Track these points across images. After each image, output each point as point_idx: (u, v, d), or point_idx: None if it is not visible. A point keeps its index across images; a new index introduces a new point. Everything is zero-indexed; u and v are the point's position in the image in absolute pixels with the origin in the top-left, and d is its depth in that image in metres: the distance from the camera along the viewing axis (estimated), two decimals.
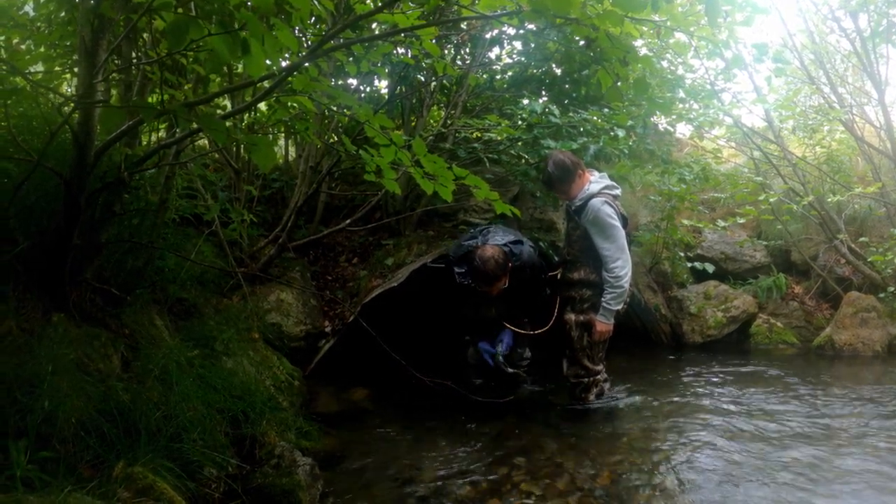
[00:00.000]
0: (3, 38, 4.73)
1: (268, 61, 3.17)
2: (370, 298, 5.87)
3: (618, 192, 5.01)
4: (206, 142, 6.79)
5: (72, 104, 3.19)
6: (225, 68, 6.25)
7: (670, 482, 3.85)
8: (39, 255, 3.46)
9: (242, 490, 3.33)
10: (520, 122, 6.57)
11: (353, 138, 5.60)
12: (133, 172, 3.55)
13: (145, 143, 5.36)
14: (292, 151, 8.24)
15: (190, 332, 4.47)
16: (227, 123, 3.51)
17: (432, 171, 3.48)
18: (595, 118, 5.91)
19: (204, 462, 3.32)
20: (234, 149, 6.55)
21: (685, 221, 7.81)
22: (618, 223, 4.81)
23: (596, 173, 5.03)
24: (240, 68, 6.21)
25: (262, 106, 6.35)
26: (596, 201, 4.78)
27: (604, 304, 4.89)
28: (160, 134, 5.48)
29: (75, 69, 5.55)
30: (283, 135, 7.82)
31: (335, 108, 4.43)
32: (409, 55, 5.90)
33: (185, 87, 4.75)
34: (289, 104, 4.06)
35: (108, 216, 3.84)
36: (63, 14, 5.49)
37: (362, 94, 7.07)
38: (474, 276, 4.82)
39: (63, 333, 3.29)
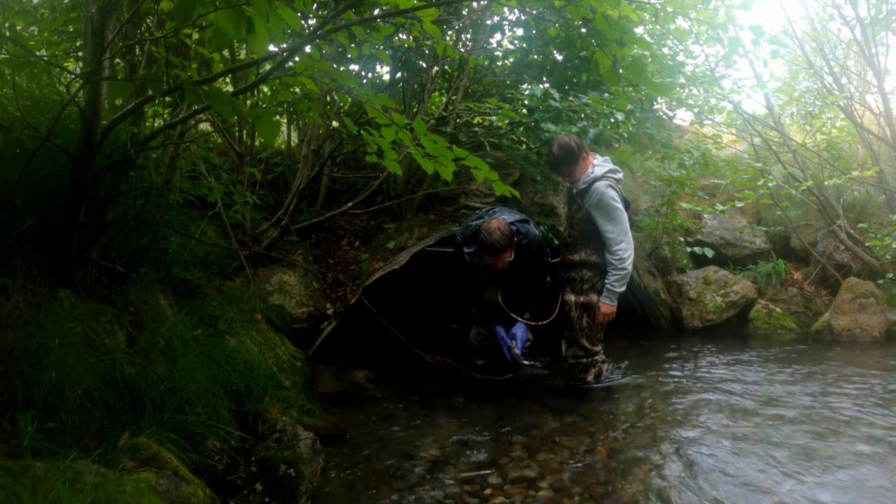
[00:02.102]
0: (7, 24, 4.78)
1: (272, 47, 3.23)
2: (372, 281, 5.93)
3: (620, 175, 5.05)
4: (210, 126, 6.85)
5: (79, 83, 3.24)
6: (227, 53, 6.30)
7: (667, 459, 3.91)
8: (46, 233, 3.51)
9: (245, 462, 3.39)
10: (521, 109, 6.61)
11: (355, 121, 5.65)
12: (139, 151, 3.60)
13: (149, 126, 5.41)
14: (294, 137, 8.27)
15: (193, 312, 4.53)
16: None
17: (433, 152, 3.52)
18: (595, 103, 5.94)
19: (207, 434, 3.38)
20: (237, 133, 6.61)
21: (685, 205, 7.85)
22: (621, 206, 4.86)
23: (598, 157, 5.07)
24: (242, 54, 6.26)
25: (265, 88, 6.41)
26: (600, 184, 4.82)
27: (608, 286, 4.95)
28: (164, 119, 5.54)
29: (79, 53, 5.61)
30: (285, 119, 7.86)
31: (337, 90, 4.47)
32: (411, 38, 5.95)
33: (191, 67, 4.80)
34: (291, 88, 4.12)
35: (114, 195, 3.89)
36: (67, 0, 5.56)
37: (364, 80, 7.10)
38: (481, 248, 4.87)
39: (69, 308, 3.35)
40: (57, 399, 2.96)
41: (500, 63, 7.75)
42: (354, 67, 6.79)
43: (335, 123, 6.97)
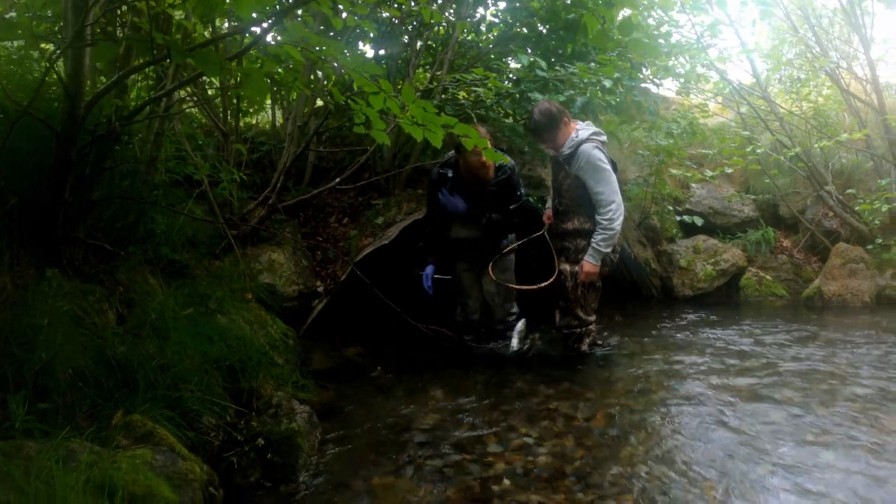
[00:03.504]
0: None
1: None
2: (362, 256, 5.88)
3: (604, 138, 4.99)
4: (196, 110, 6.78)
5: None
6: (209, 33, 6.20)
7: (666, 421, 3.92)
8: (31, 212, 3.45)
9: (242, 438, 3.35)
10: (507, 82, 6.57)
11: (342, 94, 5.57)
12: (125, 125, 3.53)
13: (133, 100, 5.33)
14: (279, 117, 8.20)
15: (183, 290, 4.47)
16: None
17: (422, 120, 3.47)
18: (582, 71, 5.89)
19: (202, 411, 3.35)
20: (222, 113, 6.53)
21: (674, 171, 7.82)
22: (609, 166, 4.81)
23: (581, 122, 5.02)
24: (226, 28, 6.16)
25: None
26: (586, 146, 4.76)
27: (593, 245, 4.83)
28: (149, 94, 5.44)
29: (59, 36, 5.51)
30: (269, 100, 7.78)
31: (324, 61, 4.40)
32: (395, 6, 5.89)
33: (176, 38, 4.71)
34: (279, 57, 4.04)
35: (100, 172, 3.82)
36: None
37: (347, 57, 7.00)
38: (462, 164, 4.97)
39: (57, 287, 3.29)
40: (47, 379, 2.92)
41: (483, 37, 7.68)
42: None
43: (320, 102, 6.90)
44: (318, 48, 3.69)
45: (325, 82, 6.70)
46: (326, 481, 3.26)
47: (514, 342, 5.22)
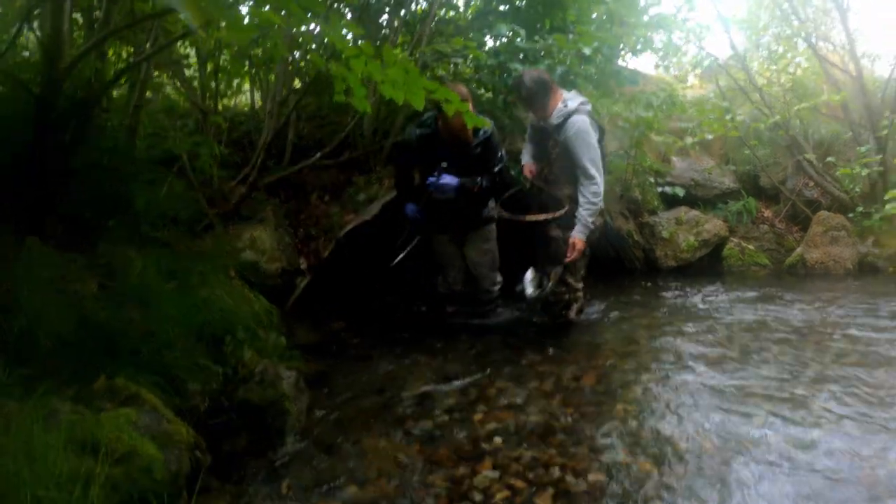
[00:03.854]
0: None
1: None
2: (344, 233, 5.84)
3: (590, 107, 4.98)
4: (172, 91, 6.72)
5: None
6: None
7: (654, 381, 3.92)
8: (11, 181, 3.38)
9: (228, 404, 3.32)
10: (486, 59, 6.54)
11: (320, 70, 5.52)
12: (105, 88, 3.46)
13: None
14: (258, 99, 8.12)
15: (164, 265, 4.40)
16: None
17: (404, 82, 3.43)
18: (560, 41, 5.87)
19: (187, 378, 3.30)
20: (199, 91, 6.46)
21: (655, 137, 7.78)
22: (595, 141, 4.80)
23: (567, 92, 4.99)
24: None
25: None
26: (577, 118, 4.72)
27: (581, 221, 4.78)
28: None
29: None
30: (247, 83, 7.72)
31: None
32: None
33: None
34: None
35: (80, 140, 3.74)
36: None
37: (325, 41, 6.94)
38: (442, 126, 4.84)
39: (38, 256, 3.23)
40: (29, 345, 2.86)
41: (462, 12, 7.64)
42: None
43: (298, 84, 6.84)
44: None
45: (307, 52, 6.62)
46: (315, 445, 3.24)
47: (530, 289, 5.12)
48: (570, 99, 4.85)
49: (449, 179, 4.84)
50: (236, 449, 3.15)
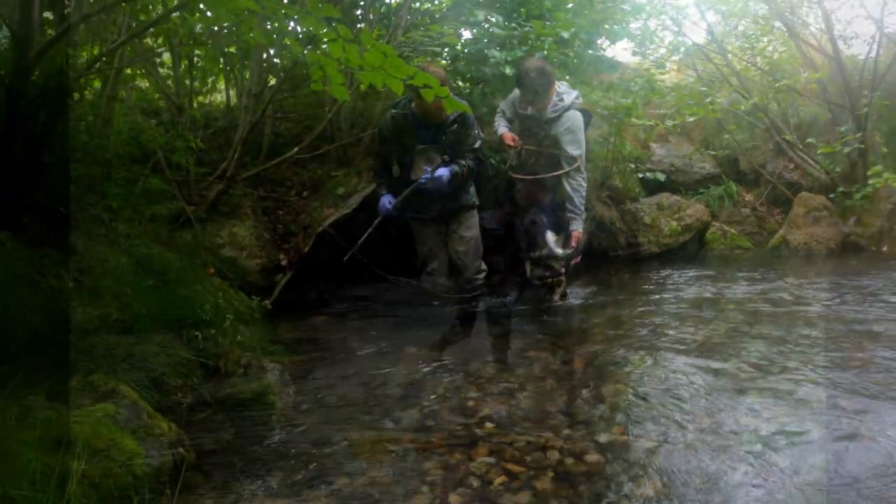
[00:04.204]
0: None
1: None
2: (324, 227, 5.77)
3: (581, 101, 5.09)
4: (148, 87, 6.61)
5: None
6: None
7: (645, 361, 3.89)
8: None
9: (212, 399, 3.22)
10: (462, 48, 6.49)
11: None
12: (80, 76, 3.34)
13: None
14: (233, 97, 8.01)
15: (143, 265, 4.30)
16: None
17: (384, 66, 3.34)
18: (537, 27, 5.84)
19: (168, 373, 3.20)
20: (173, 86, 6.35)
21: (636, 120, 7.74)
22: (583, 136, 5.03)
23: (561, 84, 5.09)
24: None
25: None
26: (571, 114, 4.94)
27: (576, 211, 5.00)
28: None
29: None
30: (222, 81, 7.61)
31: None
32: None
33: None
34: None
35: (52, 130, 3.62)
36: None
37: (300, 35, 6.85)
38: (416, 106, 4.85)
39: (11, 250, 3.12)
40: (3, 342, 2.75)
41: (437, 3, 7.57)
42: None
43: (272, 81, 6.74)
44: None
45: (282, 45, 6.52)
46: (303, 438, 3.13)
47: (557, 248, 5.05)
48: (565, 94, 4.97)
49: (441, 171, 4.82)
50: (221, 444, 3.05)
